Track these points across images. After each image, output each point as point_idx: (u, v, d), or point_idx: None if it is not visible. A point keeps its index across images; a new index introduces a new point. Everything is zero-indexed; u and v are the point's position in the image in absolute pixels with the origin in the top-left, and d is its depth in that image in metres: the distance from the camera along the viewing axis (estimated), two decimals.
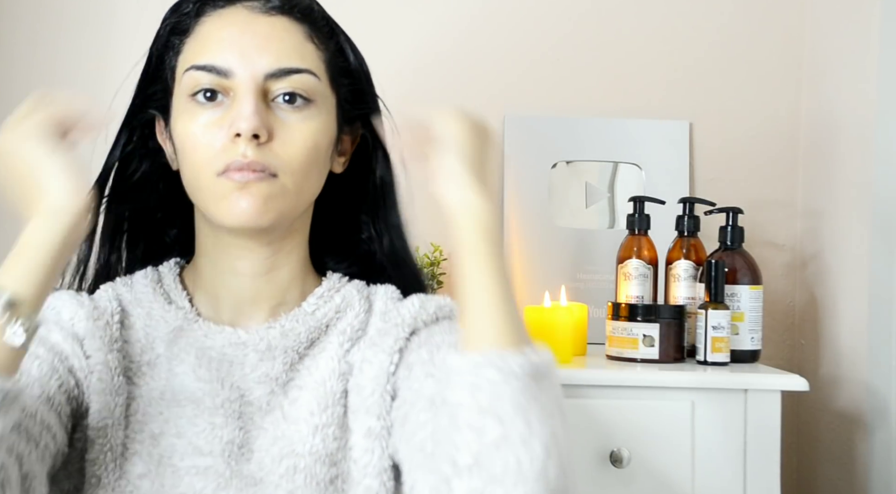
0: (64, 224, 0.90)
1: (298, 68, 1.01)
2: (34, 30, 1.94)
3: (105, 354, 1.01)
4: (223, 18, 1.03)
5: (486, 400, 0.86)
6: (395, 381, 1.00)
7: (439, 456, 0.88)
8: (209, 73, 1.00)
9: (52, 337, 1.01)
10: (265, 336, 1.03)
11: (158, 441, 0.99)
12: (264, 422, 1.01)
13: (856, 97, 1.82)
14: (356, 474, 0.99)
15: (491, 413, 0.86)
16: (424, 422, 0.94)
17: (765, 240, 2.00)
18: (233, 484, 0.98)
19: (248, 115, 0.97)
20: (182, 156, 1.03)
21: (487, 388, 0.87)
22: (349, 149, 1.09)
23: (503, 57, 1.99)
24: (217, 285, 1.06)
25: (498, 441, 0.85)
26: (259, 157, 0.98)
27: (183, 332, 1.03)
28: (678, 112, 2.00)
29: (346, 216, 1.13)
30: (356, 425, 1.00)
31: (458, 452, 0.86)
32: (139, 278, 1.09)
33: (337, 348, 1.04)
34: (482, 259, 0.93)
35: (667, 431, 1.58)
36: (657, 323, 1.67)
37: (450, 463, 0.86)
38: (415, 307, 1.04)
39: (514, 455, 0.84)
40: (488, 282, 0.92)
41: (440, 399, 0.91)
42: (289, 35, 1.02)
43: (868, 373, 1.74)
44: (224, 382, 1.01)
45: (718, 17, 2.02)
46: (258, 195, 0.98)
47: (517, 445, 0.85)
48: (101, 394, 1.00)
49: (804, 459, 1.96)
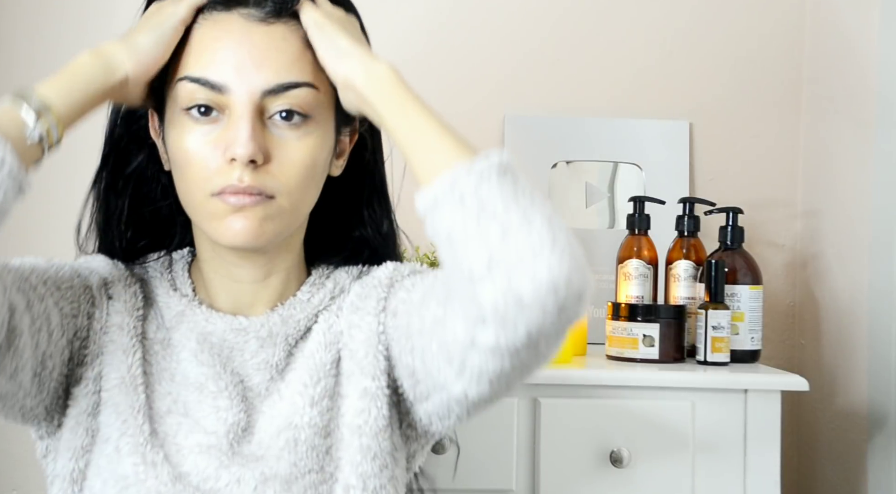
0: (112, 79, 0.99)
1: (297, 82, 1.00)
2: (34, 29, 1.94)
3: (123, 318, 1.03)
4: (219, 26, 1.00)
5: (474, 207, 0.88)
6: (387, 339, 1.03)
7: (453, 284, 0.90)
8: (203, 87, 0.99)
9: (90, 279, 1.05)
10: (266, 322, 1.04)
11: (165, 420, 1.01)
12: (263, 406, 1.03)
13: (856, 97, 1.82)
14: (349, 437, 1.01)
15: (483, 215, 0.88)
16: (428, 305, 0.96)
17: (765, 240, 2.00)
18: (235, 462, 0.99)
19: (245, 141, 0.97)
20: (175, 169, 1.03)
21: (470, 196, 0.88)
22: (347, 149, 1.09)
23: (503, 57, 1.99)
24: (217, 287, 1.07)
25: (502, 235, 0.86)
26: (256, 182, 0.98)
27: (185, 317, 1.05)
28: (678, 112, 2.00)
29: (340, 213, 1.12)
30: (350, 389, 1.02)
31: (471, 267, 0.87)
32: (152, 260, 1.10)
33: (322, 324, 1.06)
34: (408, 105, 0.96)
35: (667, 431, 1.58)
36: (657, 323, 1.67)
37: (467, 280, 0.87)
38: (388, 269, 1.07)
39: (522, 237, 0.86)
40: (424, 119, 0.95)
41: (430, 283, 0.97)
42: (287, 45, 1.00)
43: (868, 373, 1.74)
44: (225, 367, 1.03)
45: (718, 18, 2.02)
46: (254, 217, 0.99)
47: (521, 228, 0.87)
48: (112, 355, 1.02)
49: (804, 459, 1.95)
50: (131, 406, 1.00)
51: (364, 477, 0.99)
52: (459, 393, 0.95)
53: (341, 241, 1.12)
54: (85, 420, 1.01)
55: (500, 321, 0.86)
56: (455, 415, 1.01)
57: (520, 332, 0.86)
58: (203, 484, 0.98)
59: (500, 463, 1.56)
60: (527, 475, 1.58)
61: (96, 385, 1.02)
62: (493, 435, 1.56)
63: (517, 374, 0.91)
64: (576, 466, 1.57)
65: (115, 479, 0.98)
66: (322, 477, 1.00)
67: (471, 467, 1.54)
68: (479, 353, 0.89)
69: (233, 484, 0.98)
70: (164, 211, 1.11)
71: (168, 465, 0.98)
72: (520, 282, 0.85)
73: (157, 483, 0.97)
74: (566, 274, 0.85)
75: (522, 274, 0.85)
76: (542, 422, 1.57)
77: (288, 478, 0.99)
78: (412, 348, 0.99)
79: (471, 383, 0.92)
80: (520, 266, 0.85)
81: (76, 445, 1.01)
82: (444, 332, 0.92)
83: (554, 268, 0.85)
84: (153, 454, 0.99)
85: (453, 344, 0.91)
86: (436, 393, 0.98)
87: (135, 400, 1.01)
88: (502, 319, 0.86)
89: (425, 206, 0.91)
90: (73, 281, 1.03)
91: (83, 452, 1.01)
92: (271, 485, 0.98)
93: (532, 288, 0.85)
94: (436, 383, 0.97)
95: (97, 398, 1.02)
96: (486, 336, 0.87)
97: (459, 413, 1.00)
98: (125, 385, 1.01)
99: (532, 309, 0.85)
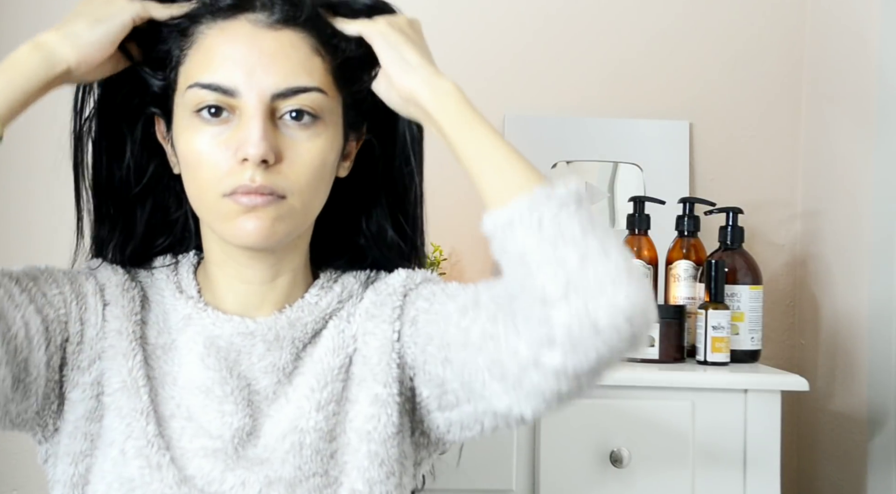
0: (52, 72, 0.98)
1: (306, 87, 0.99)
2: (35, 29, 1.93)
3: (122, 323, 1.03)
4: (226, 33, 1.00)
5: (553, 232, 0.90)
6: (401, 347, 1.03)
7: (519, 304, 0.90)
8: (214, 92, 0.98)
9: (85, 286, 1.04)
10: (273, 325, 1.04)
11: (169, 423, 1.01)
12: (270, 410, 1.02)
13: (856, 97, 1.83)
14: (356, 442, 1.01)
15: (561, 241, 0.89)
16: (474, 319, 0.96)
17: (765, 240, 2.00)
18: (240, 465, 0.99)
19: (257, 141, 0.97)
20: (185, 171, 1.02)
21: (549, 221, 0.90)
22: (353, 152, 1.09)
23: (503, 57, 1.99)
24: (225, 288, 1.07)
25: (581, 262, 0.88)
26: (267, 181, 0.98)
27: (192, 320, 1.05)
28: (678, 112, 2.00)
29: (346, 216, 1.12)
30: (361, 394, 1.02)
31: (545, 290, 0.88)
32: (158, 263, 1.10)
33: (332, 329, 1.06)
34: (475, 125, 0.98)
35: (667, 431, 1.58)
36: (657, 323, 1.67)
37: (539, 302, 0.88)
38: (401, 276, 1.07)
39: (601, 265, 0.88)
40: (491, 140, 0.97)
41: (472, 298, 0.97)
42: (295, 51, 1.00)
43: (868, 373, 1.74)
44: (232, 371, 1.02)
45: (718, 18, 2.02)
46: (266, 217, 0.99)
47: (599, 257, 0.88)
48: (112, 360, 1.02)
49: (804, 459, 1.96)
50: (135, 409, 1.00)
51: (371, 483, 0.99)
52: (504, 408, 0.95)
53: (345, 245, 1.12)
54: (83, 425, 1.01)
55: (570, 345, 0.87)
56: (480, 427, 1.01)
57: (590, 357, 0.88)
58: (208, 487, 0.98)
59: (500, 463, 1.56)
60: (527, 475, 1.58)
61: (94, 390, 1.02)
62: (493, 435, 1.56)
63: (569, 397, 0.92)
64: (576, 466, 1.57)
65: (121, 482, 0.98)
66: (326, 481, 1.00)
67: (471, 467, 1.54)
68: (540, 374, 0.90)
69: (237, 487, 0.98)
70: (178, 217, 1.11)
71: (174, 467, 0.98)
72: (597, 309, 0.86)
73: (162, 485, 0.97)
74: (641, 304, 0.87)
75: (600, 301, 0.87)
76: (542, 422, 1.57)
77: (292, 482, 0.99)
78: (446, 359, 0.99)
79: (521, 400, 0.93)
80: (598, 292, 0.87)
81: (75, 450, 1.01)
82: (499, 349, 0.92)
83: (631, 297, 0.87)
84: (159, 456, 0.98)
85: (510, 361, 0.91)
86: (469, 405, 0.99)
87: (138, 403, 1.00)
88: (573, 343, 0.87)
89: (497, 226, 0.93)
90: (64, 288, 1.03)
91: (83, 457, 1.01)
92: (276, 488, 0.98)
93: (609, 314, 0.86)
94: (475, 395, 0.97)
95: (97, 403, 1.01)
96: (553, 358, 0.88)
97: (488, 425, 1.01)
98: (127, 388, 1.01)
99: (605, 335, 0.87)
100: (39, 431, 1.03)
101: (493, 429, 1.01)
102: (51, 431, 1.03)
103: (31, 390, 0.99)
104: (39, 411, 1.01)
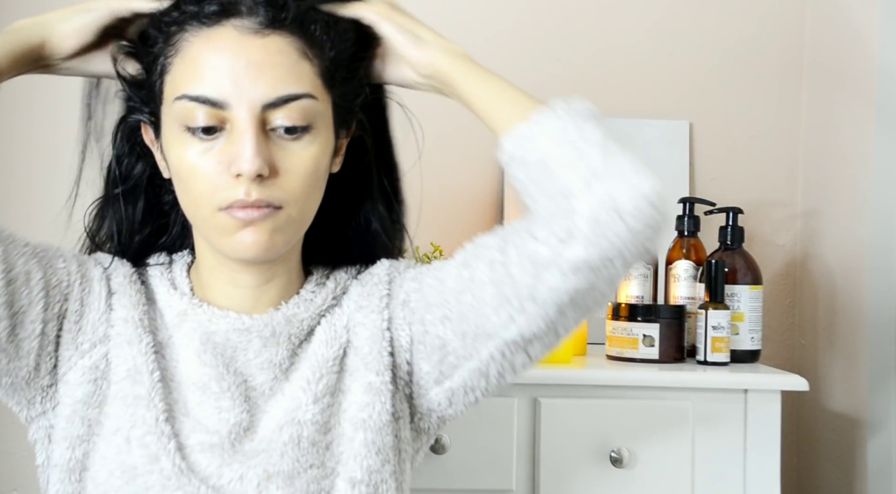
0: (28, 42, 1.03)
1: (296, 94, 0.98)
2: None
3: (129, 311, 1.04)
4: (212, 42, 0.98)
5: (576, 135, 0.96)
6: (393, 333, 1.04)
7: (539, 211, 0.96)
8: (203, 105, 0.97)
9: (93, 271, 1.05)
10: (269, 322, 1.04)
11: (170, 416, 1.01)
12: (267, 406, 1.03)
13: (856, 97, 1.83)
14: (351, 432, 1.02)
15: (584, 142, 0.95)
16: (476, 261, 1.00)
17: (765, 240, 2.00)
18: (237, 459, 1.00)
19: (251, 157, 0.96)
20: (178, 182, 1.02)
21: (571, 126, 0.96)
22: (344, 146, 1.08)
23: (503, 57, 1.99)
24: (217, 291, 1.07)
25: (604, 156, 0.95)
26: (263, 195, 0.97)
27: (187, 317, 1.05)
28: (678, 112, 2.00)
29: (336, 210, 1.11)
30: (354, 384, 1.03)
31: (569, 184, 0.94)
32: (152, 261, 1.11)
33: (325, 324, 1.06)
34: (487, 73, 1.06)
35: (667, 431, 1.58)
36: (657, 323, 1.67)
37: (562, 197, 0.94)
38: (385, 265, 1.09)
39: (623, 158, 0.95)
40: (500, 79, 1.05)
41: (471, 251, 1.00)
42: (283, 57, 0.98)
43: (868, 373, 1.74)
44: (228, 367, 1.03)
45: (718, 18, 2.02)
46: (264, 230, 0.99)
47: (621, 152, 0.95)
48: (119, 348, 1.02)
49: (804, 459, 1.96)
50: (141, 397, 1.00)
51: (369, 471, 1.00)
52: (513, 334, 0.98)
53: (332, 239, 1.12)
54: (82, 410, 1.01)
55: (593, 233, 0.92)
56: (485, 381, 1.03)
57: (613, 243, 0.92)
58: (207, 480, 0.99)
59: (500, 463, 1.56)
60: (527, 475, 1.58)
61: (93, 373, 1.02)
62: (492, 435, 1.56)
63: (583, 302, 0.96)
64: (576, 466, 1.57)
65: (123, 469, 0.99)
66: (323, 472, 1.00)
67: (471, 467, 1.54)
68: (558, 273, 0.94)
69: (235, 482, 0.99)
70: (173, 216, 1.11)
71: (178, 456, 0.99)
72: (620, 194, 0.92)
73: (162, 476, 0.98)
74: (660, 192, 0.93)
75: (622, 187, 0.92)
76: (542, 422, 1.57)
77: (290, 474, 0.99)
78: (445, 316, 1.01)
79: (532, 316, 0.96)
80: (621, 180, 0.93)
81: (73, 435, 1.01)
82: (508, 271, 0.96)
83: (655, 184, 0.93)
84: (163, 445, 0.99)
85: (522, 276, 0.95)
86: (471, 360, 1.01)
87: (144, 391, 1.01)
88: (596, 231, 0.92)
89: (520, 139, 0.97)
90: (71, 267, 1.03)
91: (80, 442, 1.01)
92: (274, 481, 0.99)
93: (632, 198, 0.92)
94: (479, 340, 0.99)
95: (96, 387, 1.02)
96: (575, 251, 0.93)
97: (493, 373, 1.02)
98: (133, 376, 1.01)
99: (628, 219, 0.92)
100: (26, 406, 1.03)
101: (499, 378, 1.02)
102: (38, 411, 1.03)
103: (24, 349, 1.00)
104: (29, 380, 1.02)
